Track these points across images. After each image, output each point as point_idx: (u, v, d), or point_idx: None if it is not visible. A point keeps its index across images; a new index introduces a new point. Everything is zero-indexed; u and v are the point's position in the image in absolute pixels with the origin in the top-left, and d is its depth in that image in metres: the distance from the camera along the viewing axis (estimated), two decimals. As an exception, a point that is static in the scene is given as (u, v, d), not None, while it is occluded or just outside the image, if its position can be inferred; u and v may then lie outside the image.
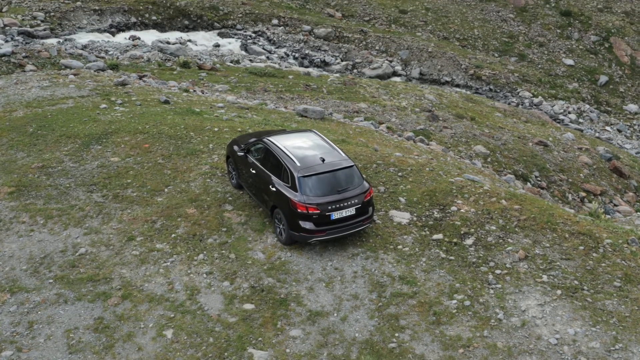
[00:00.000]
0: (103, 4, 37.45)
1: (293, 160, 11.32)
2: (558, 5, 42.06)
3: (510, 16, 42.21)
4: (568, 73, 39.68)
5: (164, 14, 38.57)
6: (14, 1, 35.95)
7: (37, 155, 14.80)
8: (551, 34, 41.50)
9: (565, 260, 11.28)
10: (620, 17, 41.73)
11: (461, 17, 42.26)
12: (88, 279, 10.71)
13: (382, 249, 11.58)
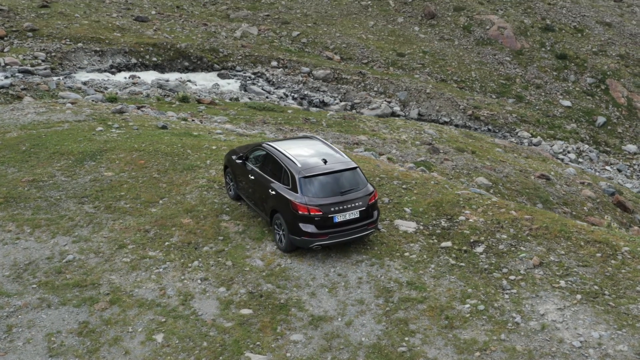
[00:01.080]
0: (104, 45, 37.84)
1: (293, 162, 10.84)
2: (553, 49, 42.70)
3: (507, 59, 42.78)
4: (566, 114, 39.83)
5: (164, 55, 38.94)
6: (16, 42, 36.31)
7: (28, 170, 14.29)
8: (547, 77, 41.93)
9: (583, 267, 10.63)
10: (615, 60, 42.32)
11: (458, 60, 42.79)
12: (74, 285, 10.00)
13: (388, 256, 10.94)
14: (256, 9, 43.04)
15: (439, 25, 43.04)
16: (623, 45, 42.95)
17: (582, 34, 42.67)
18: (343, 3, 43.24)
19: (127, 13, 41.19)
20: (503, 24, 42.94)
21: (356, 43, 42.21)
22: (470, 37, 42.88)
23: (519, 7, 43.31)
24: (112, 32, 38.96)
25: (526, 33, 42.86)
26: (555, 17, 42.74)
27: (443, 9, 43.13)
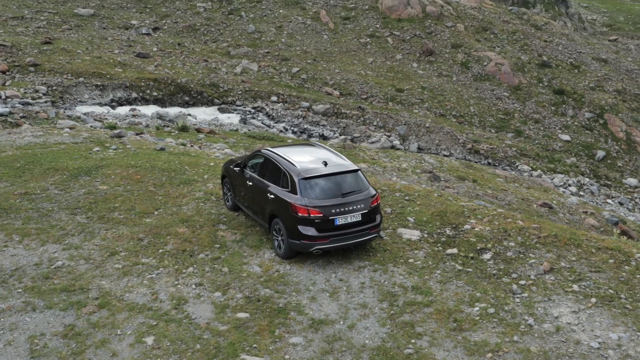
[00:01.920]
0: (105, 80, 38.08)
1: (293, 164, 10.51)
2: (551, 84, 43.08)
3: (505, 94, 43.09)
4: (565, 148, 39.79)
5: (165, 90, 39.15)
6: (18, 76, 36.54)
7: (21, 185, 13.94)
8: (546, 111, 42.12)
9: (596, 272, 10.16)
10: (613, 95, 42.61)
11: (457, 95, 43.07)
12: (62, 290, 9.49)
13: (392, 262, 10.46)
14: (256, 46, 43.59)
15: (437, 61, 43.52)
16: (619, 80, 43.37)
17: (578, 70, 43.13)
18: (342, 40, 43.83)
19: (129, 50, 41.66)
20: (500, 61, 43.44)
21: (355, 79, 42.57)
22: (468, 73, 43.29)
23: (516, 45, 43.90)
24: (114, 67, 39.29)
25: (523, 69, 43.31)
26: (551, 53, 43.28)
27: (441, 46, 43.70)
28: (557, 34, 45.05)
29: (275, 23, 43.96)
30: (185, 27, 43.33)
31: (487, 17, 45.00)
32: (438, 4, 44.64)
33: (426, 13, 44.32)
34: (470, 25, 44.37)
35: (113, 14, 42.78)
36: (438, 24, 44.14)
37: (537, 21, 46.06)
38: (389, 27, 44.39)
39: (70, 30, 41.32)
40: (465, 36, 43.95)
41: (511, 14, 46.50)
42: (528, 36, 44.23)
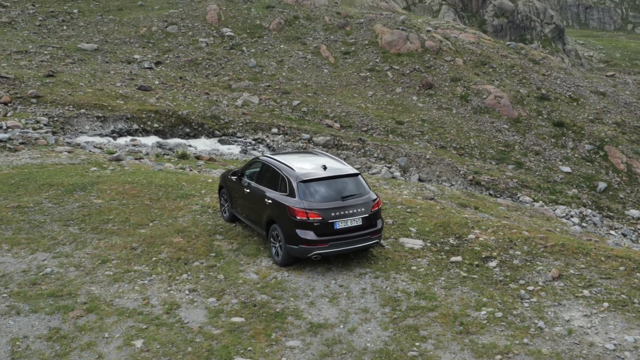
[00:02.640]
0: (107, 111, 38.18)
1: (291, 168, 10.24)
2: (550, 117, 43.19)
3: (505, 127, 43.14)
4: (566, 180, 39.56)
5: (166, 122, 39.21)
6: (20, 108, 36.66)
7: (14, 199, 13.64)
8: (546, 143, 42.09)
9: (606, 279, 9.75)
10: (612, 128, 42.66)
11: (457, 127, 43.14)
12: (49, 295, 9.07)
13: (394, 270, 10.06)
14: (257, 80, 43.98)
15: (437, 94, 43.78)
16: (618, 113, 43.53)
17: (577, 102, 43.33)
18: (342, 74, 44.22)
19: (131, 83, 41.98)
20: (499, 94, 43.70)
21: (356, 112, 42.74)
22: (468, 106, 43.47)
23: (514, 78, 44.26)
24: (115, 99, 39.50)
25: (522, 102, 43.51)
26: (550, 87, 43.59)
27: (440, 79, 44.06)
28: (555, 68, 45.47)
29: (276, 57, 44.46)
30: (187, 61, 43.81)
31: (485, 51, 45.53)
32: (437, 39, 45.25)
33: (425, 48, 44.86)
34: (469, 60, 44.84)
35: (116, 48, 43.33)
36: (437, 58, 44.62)
37: (535, 56, 46.58)
38: (389, 61, 44.86)
39: (74, 64, 41.75)
40: (464, 70, 44.36)
41: (509, 49, 47.06)
42: (526, 70, 44.63)
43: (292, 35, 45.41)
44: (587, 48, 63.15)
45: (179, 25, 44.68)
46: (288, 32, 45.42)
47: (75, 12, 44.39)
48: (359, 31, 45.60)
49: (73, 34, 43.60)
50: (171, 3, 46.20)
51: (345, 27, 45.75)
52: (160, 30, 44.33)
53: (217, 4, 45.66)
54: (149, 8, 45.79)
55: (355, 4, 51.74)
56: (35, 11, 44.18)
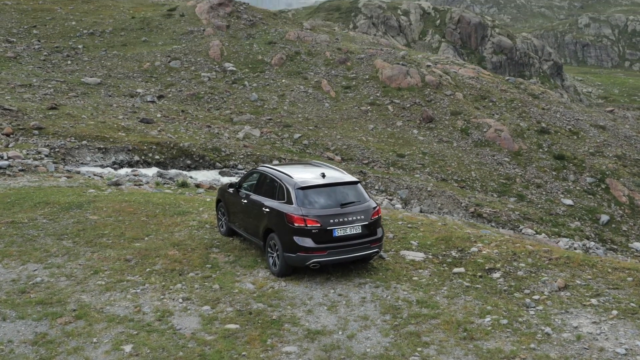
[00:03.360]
0: (108, 143, 38.24)
1: (289, 176, 10.06)
2: (551, 150, 43.19)
3: (506, 160, 43.06)
4: (569, 212, 39.24)
5: (167, 153, 39.22)
6: (21, 139, 36.74)
7: (9, 215, 13.43)
8: (547, 176, 41.94)
9: (614, 289, 9.43)
10: (613, 161, 42.60)
11: (457, 160, 43.07)
12: (37, 302, 8.77)
13: (395, 280, 9.76)
14: (259, 113, 44.26)
15: (437, 128, 43.92)
16: (619, 146, 43.55)
17: (577, 136, 43.42)
18: (343, 108, 44.50)
19: (133, 116, 42.20)
20: (500, 127, 43.82)
21: (357, 145, 42.82)
22: (469, 139, 43.53)
23: (514, 112, 44.48)
24: (117, 131, 39.65)
25: (523, 135, 43.59)
26: (550, 120, 43.76)
27: (440, 113, 44.28)
28: (555, 102, 45.78)
29: (277, 92, 44.84)
30: (190, 95, 44.17)
31: (485, 86, 45.93)
32: (437, 74, 45.72)
33: (425, 82, 45.29)
34: (468, 94, 45.19)
35: (119, 82, 43.77)
36: (437, 92, 44.98)
37: (534, 90, 46.96)
38: (389, 95, 45.22)
39: (77, 97, 42.10)
40: (464, 104, 44.64)
41: (508, 84, 47.50)
42: (526, 104, 44.90)
43: (293, 70, 45.94)
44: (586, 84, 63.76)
45: (182, 60, 45.27)
46: (289, 67, 45.96)
47: (80, 48, 45.06)
48: (359, 66, 46.13)
49: (77, 69, 44.14)
50: (174, 39, 46.94)
51: (346, 62, 46.31)
52: (164, 65, 44.89)
53: (220, 39, 46.39)
54: (152, 44, 46.50)
55: (356, 40, 52.52)
56: (41, 47, 44.87)
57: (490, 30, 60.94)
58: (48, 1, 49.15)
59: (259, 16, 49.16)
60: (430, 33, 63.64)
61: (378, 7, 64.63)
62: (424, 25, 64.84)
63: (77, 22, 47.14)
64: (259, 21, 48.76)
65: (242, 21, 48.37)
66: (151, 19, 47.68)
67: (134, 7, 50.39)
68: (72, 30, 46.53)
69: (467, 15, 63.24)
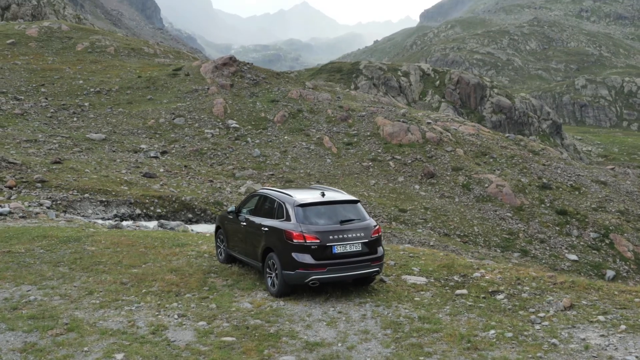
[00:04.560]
0: (110, 196, 38.34)
1: (289, 195, 10.02)
2: (553, 205, 43.10)
3: (508, 215, 42.90)
4: (574, 268, 38.71)
5: (169, 207, 39.22)
6: (24, 191, 36.91)
7: (6, 246, 13.30)
8: (550, 231, 41.64)
9: (621, 309, 9.16)
10: (616, 216, 42.42)
11: (460, 215, 42.93)
12: (29, 317, 8.53)
13: (396, 300, 9.51)
14: (261, 169, 44.59)
15: (439, 183, 44.06)
16: (621, 202, 43.47)
17: (579, 191, 43.46)
18: (345, 164, 44.85)
19: (136, 170, 42.53)
20: (501, 182, 43.96)
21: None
22: (470, 195, 43.56)
23: (515, 168, 44.75)
24: (120, 185, 39.82)
25: (524, 190, 43.65)
26: (551, 176, 43.94)
27: (442, 169, 44.57)
28: (555, 159, 46.12)
29: (280, 148, 45.37)
30: (193, 151, 44.69)
31: (485, 142, 46.46)
32: (437, 131, 46.36)
33: (426, 139, 45.86)
34: (469, 150, 45.64)
35: (123, 138, 44.41)
36: (438, 148, 45.46)
37: (534, 147, 47.44)
38: (391, 151, 45.69)
39: (81, 152, 42.61)
40: (465, 160, 44.99)
41: (508, 140, 48.05)
42: (526, 160, 45.24)
43: (295, 127, 46.68)
44: (585, 143, 64.51)
45: (186, 117, 46.13)
46: (292, 124, 46.73)
47: (87, 105, 46.05)
48: (360, 123, 46.89)
49: (83, 125, 44.93)
50: (179, 97, 48.02)
51: (347, 120, 47.11)
52: (168, 122, 45.70)
53: (224, 98, 47.44)
54: (157, 102, 47.53)
55: (357, 99, 53.64)
56: (48, 104, 45.87)
57: (489, 90, 62.35)
58: (57, 61, 50.69)
59: (262, 76, 50.49)
60: (430, 93, 65.14)
61: (379, 68, 66.48)
62: (424, 86, 66.46)
63: (84, 80, 48.42)
64: (262, 80, 50.04)
65: (245, 80, 49.65)
66: (157, 78, 48.98)
67: (140, 67, 51.88)
68: (80, 89, 47.72)
69: (466, 76, 64.92)
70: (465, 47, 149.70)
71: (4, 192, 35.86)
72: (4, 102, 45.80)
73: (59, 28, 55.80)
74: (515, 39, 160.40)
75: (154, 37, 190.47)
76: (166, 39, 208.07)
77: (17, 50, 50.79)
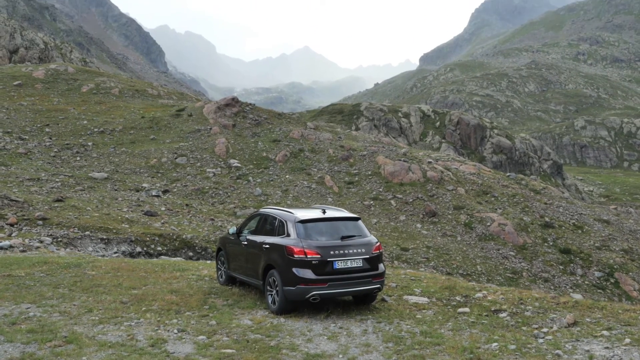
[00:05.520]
0: (111, 234, 38.23)
1: (290, 213, 10.07)
2: (556, 244, 42.84)
3: (511, 254, 42.61)
4: (580, 307, 38.07)
5: (170, 245, 39.04)
6: (25, 229, 36.84)
7: (6, 271, 13.25)
8: (554, 270, 41.26)
9: (626, 326, 9.06)
10: (620, 255, 42.10)
11: (462, 254, 42.64)
12: (28, 331, 8.46)
13: (398, 317, 9.42)
14: (262, 207, 44.51)
15: (441, 222, 43.94)
16: (625, 240, 43.22)
17: (582, 230, 43.27)
18: (346, 203, 44.84)
19: (138, 209, 42.53)
20: (503, 221, 43.83)
21: (359, 237, 42.46)
22: (472, 233, 43.36)
23: (517, 207, 44.71)
24: (121, 223, 39.77)
25: (527, 229, 43.47)
26: (553, 215, 43.84)
27: (443, 207, 44.53)
28: (557, 197, 46.14)
29: (281, 187, 45.51)
30: (195, 190, 44.80)
31: (486, 182, 46.59)
32: (438, 170, 46.58)
33: (427, 178, 46.02)
34: (470, 189, 45.71)
35: (126, 177, 44.63)
36: (439, 187, 45.54)
37: (536, 186, 47.53)
38: (392, 190, 45.76)
39: (83, 191, 42.74)
40: (467, 199, 45.02)
41: (509, 180, 48.19)
42: (528, 199, 45.25)
43: (297, 166, 46.96)
44: (587, 183, 64.60)
45: (188, 157, 46.49)
46: (293, 163, 47.04)
47: (90, 145, 46.52)
48: (362, 162, 47.18)
49: (85, 164, 45.25)
50: (182, 137, 48.53)
51: (348, 159, 47.42)
52: (170, 161, 46.04)
53: (226, 137, 47.94)
54: (160, 141, 48.01)
55: (358, 139, 54.13)
56: (52, 143, 46.35)
57: (489, 131, 62.95)
58: (62, 102, 51.52)
59: (264, 116, 51.17)
60: (430, 134, 65.77)
61: (379, 110, 67.38)
62: (425, 127, 67.15)
63: (88, 121, 49.09)
64: (264, 121, 50.68)
65: (247, 120, 50.28)
66: (160, 118, 49.67)
67: (144, 108, 52.67)
68: (84, 129, 48.31)
69: (466, 118, 65.68)
70: (465, 90, 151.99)
71: (5, 230, 35.81)
72: (8, 141, 46.36)
73: (65, 70, 56.95)
74: (514, 81, 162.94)
75: (158, 80, 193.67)
76: (170, 81, 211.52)
77: (23, 92, 51.72)
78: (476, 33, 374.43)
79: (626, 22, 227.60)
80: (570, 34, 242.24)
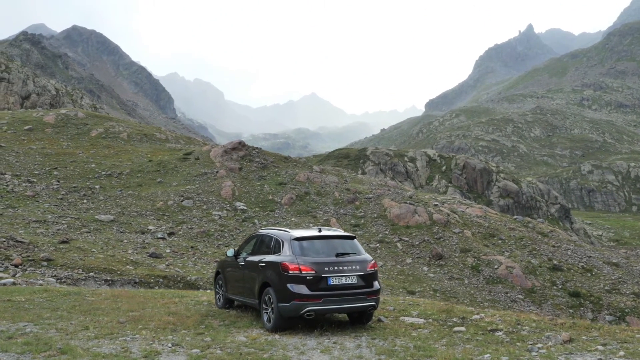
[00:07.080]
0: (115, 275, 38.19)
1: (286, 231, 10.21)
2: (565, 287, 42.26)
3: (520, 297, 41.99)
4: (592, 352, 37.28)
5: (174, 286, 38.80)
6: (29, 269, 36.91)
7: (7, 296, 13.35)
8: (564, 314, 40.51)
9: (622, 343, 8.97)
10: (631, 298, 41.38)
11: (470, 297, 42.05)
12: (24, 343, 8.52)
13: (393, 335, 9.38)
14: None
15: (447, 265, 43.60)
16: (635, 284, 42.57)
17: (591, 273, 42.75)
18: (351, 245, 44.66)
19: (143, 251, 42.60)
20: (511, 264, 43.43)
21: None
22: (480, 276, 42.94)
23: (524, 249, 44.36)
24: (125, 265, 39.78)
25: (535, 272, 43.00)
26: (561, 257, 43.43)
27: (450, 250, 44.27)
28: (565, 240, 45.79)
29: (286, 229, 45.45)
30: (200, 232, 44.91)
31: (493, 224, 46.43)
32: (444, 212, 46.55)
33: (433, 220, 45.94)
34: (477, 232, 45.53)
35: (132, 220, 44.91)
36: (445, 230, 45.41)
37: (543, 229, 47.26)
38: (398, 233, 45.66)
39: (89, 233, 42.98)
40: (474, 241, 44.77)
41: (516, 222, 47.98)
42: (535, 242, 44.93)
43: (303, 209, 47.11)
44: (595, 227, 64.04)
45: (195, 200, 46.83)
46: (299, 206, 47.22)
47: (97, 188, 47.06)
48: (367, 205, 47.30)
49: (92, 207, 45.66)
50: (188, 180, 49.04)
51: (354, 202, 47.55)
52: (176, 204, 46.38)
53: (232, 180, 48.40)
54: (167, 184, 48.51)
55: (364, 182, 54.41)
56: (59, 186, 46.94)
57: (496, 175, 63.08)
58: (71, 146, 52.47)
59: (270, 159, 51.75)
60: (437, 178, 65.99)
61: (385, 154, 67.94)
62: (431, 171, 67.46)
63: (96, 164, 49.83)
64: (270, 164, 51.21)
65: (254, 164, 50.83)
66: (167, 162, 50.35)
67: (151, 152, 53.48)
68: (91, 172, 49.01)
69: (472, 162, 65.98)
70: (471, 135, 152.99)
71: (10, 270, 35.88)
72: (17, 184, 47.02)
73: (76, 115, 58.25)
74: (520, 126, 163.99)
75: (167, 125, 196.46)
76: (178, 127, 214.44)
77: (33, 136, 52.81)
78: (481, 80, 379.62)
79: (629, 69, 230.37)
80: (574, 80, 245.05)
